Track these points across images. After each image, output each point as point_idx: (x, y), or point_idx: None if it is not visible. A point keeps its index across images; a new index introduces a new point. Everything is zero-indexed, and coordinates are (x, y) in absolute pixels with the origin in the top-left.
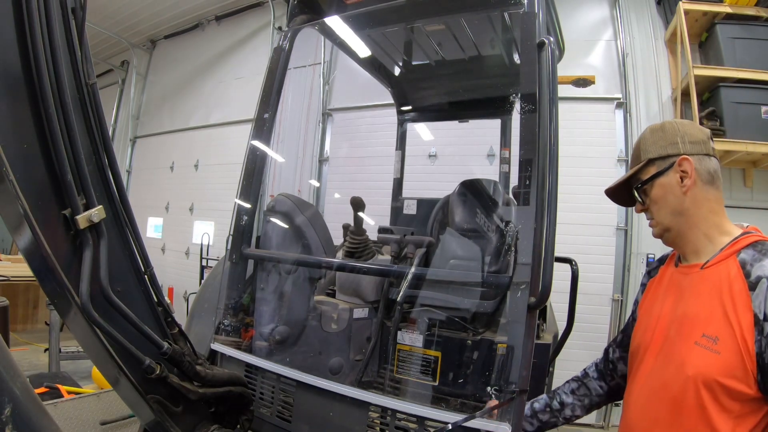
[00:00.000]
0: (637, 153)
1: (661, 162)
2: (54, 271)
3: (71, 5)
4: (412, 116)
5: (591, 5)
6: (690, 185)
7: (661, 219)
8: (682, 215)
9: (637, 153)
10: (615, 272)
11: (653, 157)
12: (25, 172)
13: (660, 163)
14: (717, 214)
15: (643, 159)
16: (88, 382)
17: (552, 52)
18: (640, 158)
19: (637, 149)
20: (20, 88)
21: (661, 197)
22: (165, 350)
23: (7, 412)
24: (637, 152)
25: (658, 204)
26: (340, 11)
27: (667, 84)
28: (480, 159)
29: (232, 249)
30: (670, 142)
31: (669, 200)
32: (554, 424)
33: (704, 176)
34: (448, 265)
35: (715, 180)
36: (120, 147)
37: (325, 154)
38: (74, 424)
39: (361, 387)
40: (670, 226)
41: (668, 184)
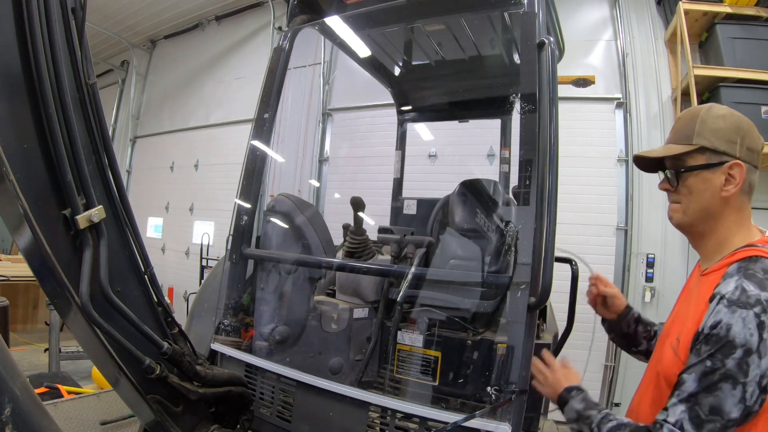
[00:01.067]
0: (688, 130)
1: (713, 155)
2: (54, 271)
3: (71, 5)
4: (412, 116)
5: (591, 5)
6: (732, 192)
7: (689, 212)
8: (710, 218)
9: (688, 130)
10: (615, 272)
11: (707, 146)
12: (25, 172)
13: (711, 156)
14: (741, 226)
15: (695, 143)
16: (88, 382)
17: (552, 52)
18: (691, 138)
19: (689, 125)
20: (20, 88)
21: (698, 191)
22: (165, 350)
23: (7, 412)
24: (689, 130)
25: (692, 196)
26: (340, 11)
27: (667, 84)
28: (480, 159)
29: (232, 249)
30: (729, 139)
31: (704, 197)
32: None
33: (746, 187)
34: (448, 265)
35: (751, 192)
36: (120, 147)
37: (325, 154)
38: (74, 424)
39: (361, 387)
40: (694, 223)
41: (711, 180)
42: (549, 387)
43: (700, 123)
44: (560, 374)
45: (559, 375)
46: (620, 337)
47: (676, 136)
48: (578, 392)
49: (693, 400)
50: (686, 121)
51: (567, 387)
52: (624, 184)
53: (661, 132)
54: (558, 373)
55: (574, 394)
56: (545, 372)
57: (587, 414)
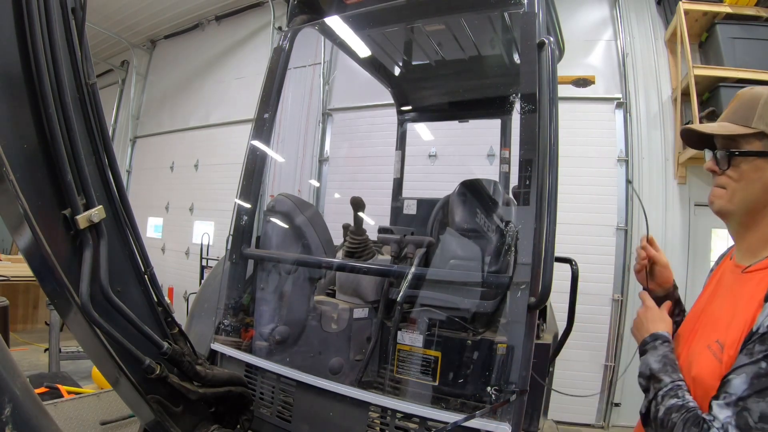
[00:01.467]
0: (748, 111)
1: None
2: (54, 271)
3: (71, 5)
4: (412, 116)
5: (591, 5)
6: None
7: (734, 200)
8: (757, 211)
9: (748, 111)
10: (615, 272)
11: None
12: (25, 172)
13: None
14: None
15: (754, 126)
16: (88, 382)
17: (552, 52)
18: (750, 120)
19: (750, 106)
20: (20, 88)
21: (749, 179)
22: (165, 350)
23: (7, 412)
24: (749, 111)
25: (740, 183)
26: (340, 11)
27: (667, 84)
28: (480, 159)
29: (232, 249)
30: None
31: (755, 188)
32: None
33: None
34: (448, 265)
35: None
36: (120, 147)
37: (325, 154)
38: (74, 424)
39: (361, 387)
40: (738, 213)
41: (765, 170)
42: (636, 329)
43: (763, 106)
44: (652, 315)
45: (650, 315)
46: None
47: (733, 115)
48: (662, 344)
49: (741, 405)
50: (747, 102)
51: (653, 333)
52: (624, 184)
53: (661, 132)
54: (650, 312)
55: (658, 344)
56: (638, 310)
57: (659, 377)
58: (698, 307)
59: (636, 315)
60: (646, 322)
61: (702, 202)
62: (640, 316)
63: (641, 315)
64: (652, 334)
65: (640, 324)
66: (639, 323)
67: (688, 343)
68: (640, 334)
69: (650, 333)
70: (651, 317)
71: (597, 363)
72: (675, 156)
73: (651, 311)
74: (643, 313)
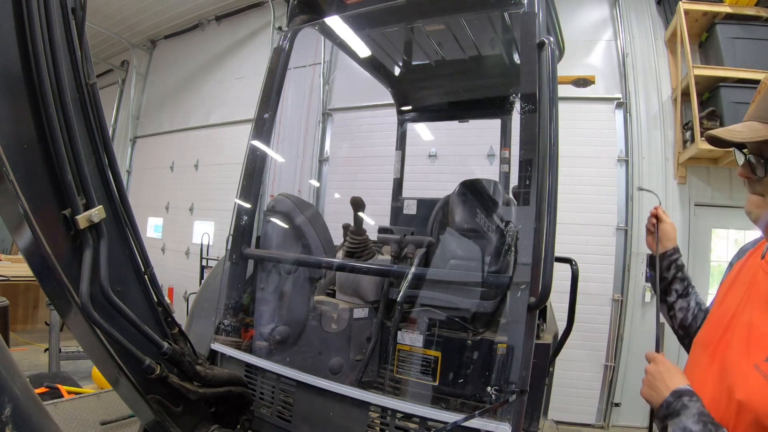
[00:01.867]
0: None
1: None
2: (54, 271)
3: (71, 5)
4: (412, 116)
5: (591, 5)
6: None
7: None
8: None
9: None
10: (615, 272)
11: None
12: (25, 172)
13: None
14: None
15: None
16: (88, 382)
17: (552, 52)
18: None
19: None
20: (20, 88)
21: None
22: (165, 350)
23: (7, 412)
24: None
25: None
26: (340, 11)
27: (667, 84)
28: (480, 159)
29: (232, 249)
30: None
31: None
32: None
33: None
34: (448, 265)
35: None
36: (120, 147)
37: (325, 154)
38: (74, 424)
39: (361, 387)
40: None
41: None
42: (650, 388)
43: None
44: (666, 369)
45: (663, 370)
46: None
47: (763, 110)
48: (691, 400)
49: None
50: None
51: (674, 390)
52: (624, 184)
53: (661, 132)
54: (663, 366)
55: (687, 402)
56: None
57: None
58: (725, 310)
59: (646, 374)
60: (661, 378)
61: (702, 202)
62: (652, 372)
63: (653, 372)
64: (675, 392)
65: (654, 382)
66: (652, 381)
67: (717, 354)
68: (658, 393)
69: (671, 390)
70: (666, 372)
71: (597, 363)
72: (675, 156)
73: (663, 365)
74: (655, 370)
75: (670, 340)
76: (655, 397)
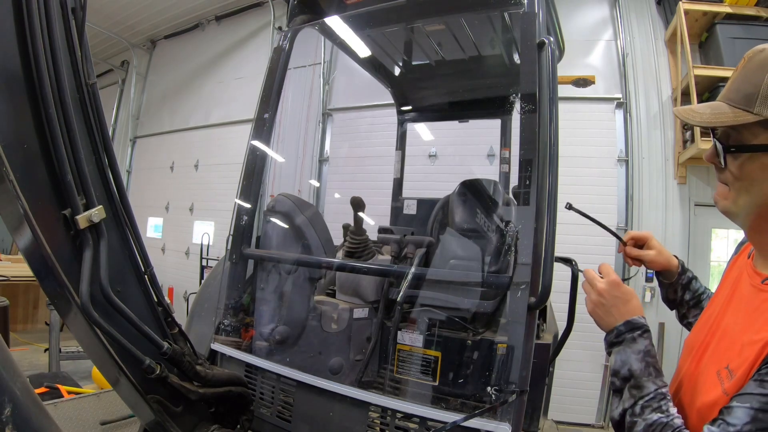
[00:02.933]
0: (751, 88)
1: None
2: (54, 271)
3: (71, 5)
4: (412, 116)
5: (591, 5)
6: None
7: (739, 203)
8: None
9: (751, 88)
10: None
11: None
12: (25, 172)
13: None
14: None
15: (756, 111)
16: (88, 382)
17: (552, 52)
18: (752, 102)
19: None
20: (20, 88)
21: (755, 179)
22: (165, 350)
23: (7, 412)
24: (752, 87)
25: (746, 183)
26: (340, 11)
27: (667, 84)
28: (480, 159)
29: (232, 249)
30: None
31: (762, 190)
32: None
33: None
34: (448, 265)
35: None
36: (120, 147)
37: (325, 154)
38: (74, 424)
39: (361, 387)
40: (745, 216)
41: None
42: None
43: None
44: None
45: (617, 293)
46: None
47: (735, 93)
48: (641, 335)
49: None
50: (752, 72)
51: (628, 320)
52: (624, 184)
53: (661, 132)
54: (618, 290)
55: (637, 336)
56: (599, 285)
57: (641, 382)
58: (713, 311)
59: (594, 291)
60: (616, 303)
61: (702, 202)
62: (603, 293)
63: (604, 292)
64: (628, 322)
65: (603, 304)
66: (601, 303)
67: (697, 357)
68: (609, 318)
69: (625, 319)
70: (623, 296)
71: (597, 363)
72: (675, 156)
73: (620, 290)
74: (607, 291)
75: (670, 341)
76: (605, 320)
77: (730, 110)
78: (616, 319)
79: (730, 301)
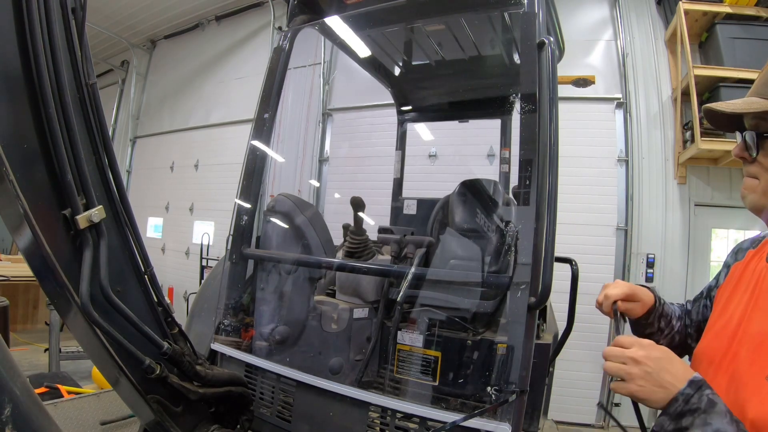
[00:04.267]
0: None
1: None
2: (54, 271)
3: (71, 5)
4: (412, 116)
5: (591, 5)
6: None
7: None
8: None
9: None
10: (615, 272)
11: None
12: (25, 172)
13: None
14: None
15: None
16: (88, 382)
17: (552, 52)
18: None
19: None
20: (20, 88)
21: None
22: (165, 350)
23: (7, 412)
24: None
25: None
26: (340, 11)
27: (667, 84)
28: (480, 159)
29: (232, 249)
30: None
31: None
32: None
33: None
34: (448, 265)
35: None
36: (120, 147)
37: (325, 154)
38: (74, 424)
39: (361, 387)
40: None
41: None
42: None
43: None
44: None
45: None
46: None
47: (764, 87)
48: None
49: None
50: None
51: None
52: (624, 184)
53: (661, 132)
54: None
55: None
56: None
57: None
58: (728, 319)
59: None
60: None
61: (702, 202)
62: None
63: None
64: (691, 381)
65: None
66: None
67: (723, 367)
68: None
69: (686, 379)
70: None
71: (597, 363)
72: (675, 156)
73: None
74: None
75: None
76: (659, 392)
77: (762, 101)
78: (673, 384)
79: (755, 307)
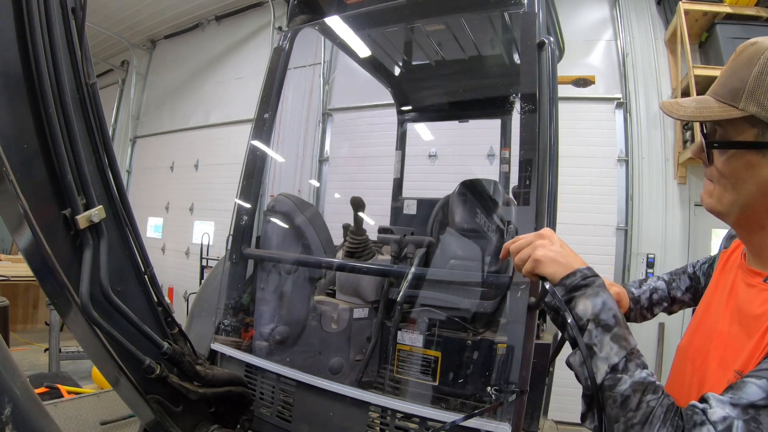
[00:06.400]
0: (737, 83)
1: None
2: (54, 271)
3: (71, 5)
4: (412, 116)
5: (591, 5)
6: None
7: (723, 201)
8: (754, 213)
9: (737, 83)
10: (615, 272)
11: (761, 118)
12: (25, 172)
13: (765, 130)
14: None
15: (742, 107)
16: (88, 382)
17: (552, 52)
18: (738, 97)
19: (742, 74)
20: (20, 88)
21: (737, 178)
22: (165, 350)
23: (7, 412)
24: (739, 82)
25: (731, 181)
26: (340, 11)
27: (667, 84)
28: (480, 159)
29: (232, 249)
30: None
31: (746, 189)
32: None
33: None
34: (448, 265)
35: None
36: (120, 147)
37: (325, 154)
38: (74, 424)
39: (361, 387)
40: (731, 215)
41: (759, 166)
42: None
43: (757, 77)
44: (570, 251)
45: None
46: None
47: (722, 87)
48: (600, 287)
49: (752, 413)
50: (740, 66)
51: (589, 267)
52: (624, 184)
53: (661, 132)
54: (565, 248)
55: (600, 285)
56: (543, 233)
57: (626, 334)
58: (708, 316)
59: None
60: (569, 253)
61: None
62: (552, 237)
63: (553, 237)
64: (589, 268)
65: (559, 251)
66: (557, 251)
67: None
68: (566, 263)
69: (585, 266)
70: (571, 252)
71: None
72: (675, 156)
73: (565, 246)
74: (553, 236)
75: (670, 341)
76: (561, 262)
77: (716, 105)
78: (572, 265)
79: (726, 307)
